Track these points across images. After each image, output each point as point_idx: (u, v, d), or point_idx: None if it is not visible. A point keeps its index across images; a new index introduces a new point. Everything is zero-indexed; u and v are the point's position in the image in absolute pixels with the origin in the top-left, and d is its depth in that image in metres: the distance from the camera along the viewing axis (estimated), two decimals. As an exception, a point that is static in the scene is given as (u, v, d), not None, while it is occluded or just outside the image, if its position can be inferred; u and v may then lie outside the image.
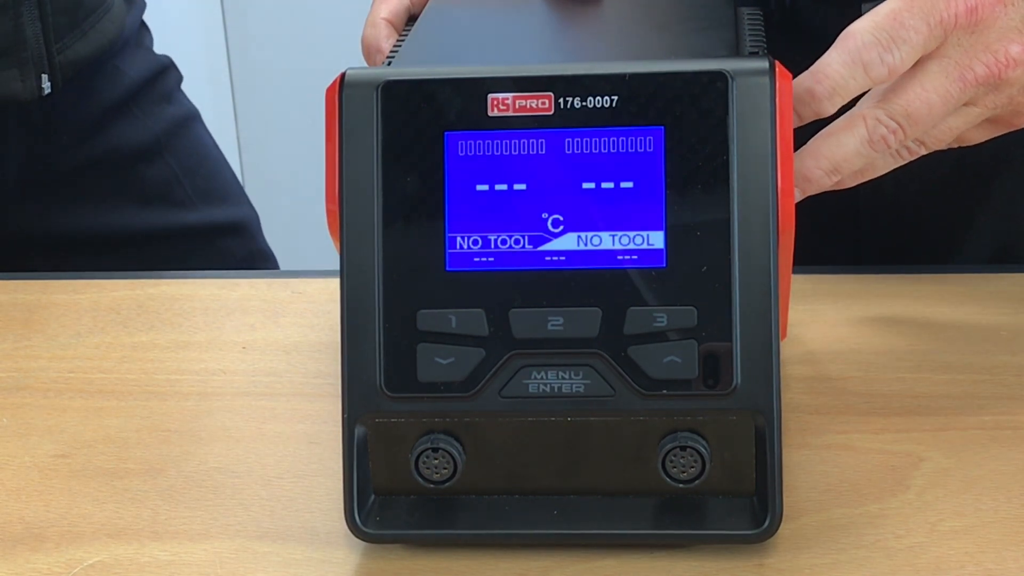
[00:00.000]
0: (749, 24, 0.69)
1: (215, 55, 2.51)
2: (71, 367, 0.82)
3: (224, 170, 1.27)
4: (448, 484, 0.62)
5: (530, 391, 0.60)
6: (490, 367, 0.60)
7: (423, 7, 0.79)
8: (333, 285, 0.71)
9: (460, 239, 0.61)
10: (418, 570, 0.62)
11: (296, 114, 2.41)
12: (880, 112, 0.66)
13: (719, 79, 0.60)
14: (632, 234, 0.60)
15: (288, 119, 2.50)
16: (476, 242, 0.61)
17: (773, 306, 0.59)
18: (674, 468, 0.61)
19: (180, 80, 1.25)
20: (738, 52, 0.66)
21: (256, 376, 0.80)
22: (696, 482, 0.61)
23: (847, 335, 0.80)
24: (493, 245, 0.61)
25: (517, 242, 0.61)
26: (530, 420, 0.61)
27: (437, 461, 0.62)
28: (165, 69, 1.22)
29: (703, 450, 0.61)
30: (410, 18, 0.81)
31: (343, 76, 0.62)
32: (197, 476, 0.70)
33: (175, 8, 2.24)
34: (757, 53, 0.65)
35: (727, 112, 0.60)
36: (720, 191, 0.60)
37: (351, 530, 0.62)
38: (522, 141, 0.61)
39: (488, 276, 0.61)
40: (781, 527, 0.61)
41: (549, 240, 0.61)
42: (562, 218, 0.61)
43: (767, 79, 0.60)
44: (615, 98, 0.60)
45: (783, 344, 0.66)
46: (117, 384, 0.79)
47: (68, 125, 1.15)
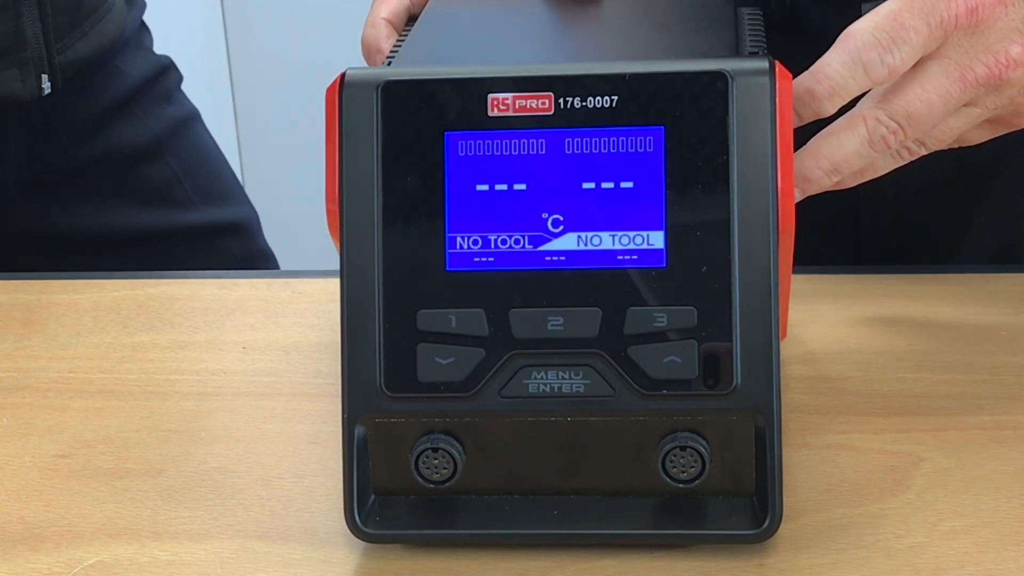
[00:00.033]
0: (749, 24, 0.69)
1: (215, 55, 2.51)
2: (71, 367, 0.82)
3: (224, 170, 1.27)
4: (448, 484, 0.62)
5: (530, 391, 0.60)
6: (490, 367, 0.60)
7: (423, 7, 0.79)
8: (333, 285, 0.70)
9: (460, 239, 0.61)
10: (418, 570, 0.62)
11: (296, 114, 2.41)
12: (880, 112, 0.66)
13: (719, 79, 0.60)
14: (632, 234, 0.60)
15: (288, 119, 2.50)
16: (476, 242, 0.61)
17: (773, 306, 0.59)
18: (674, 468, 0.61)
19: (180, 80, 1.25)
20: (738, 52, 0.66)
21: (256, 376, 0.80)
22: (696, 482, 0.61)
23: (847, 335, 0.80)
24: (493, 245, 0.61)
25: (517, 242, 0.61)
26: (530, 420, 0.61)
27: (437, 461, 0.62)
28: (165, 69, 1.22)
29: (703, 450, 0.60)
30: (410, 18, 0.81)
31: (343, 76, 0.62)
32: (197, 476, 0.70)
33: (175, 8, 2.24)
34: (757, 53, 0.65)
35: (727, 112, 0.60)
36: (720, 191, 0.60)
37: (351, 530, 0.62)
38: (522, 141, 0.61)
39: (488, 276, 0.61)
40: (781, 527, 0.61)
41: (549, 240, 0.61)
42: (562, 218, 0.61)
43: (767, 79, 0.60)
44: (615, 98, 0.60)
45: (783, 344, 0.66)
46: (117, 384, 0.79)
47: (68, 125, 1.15)
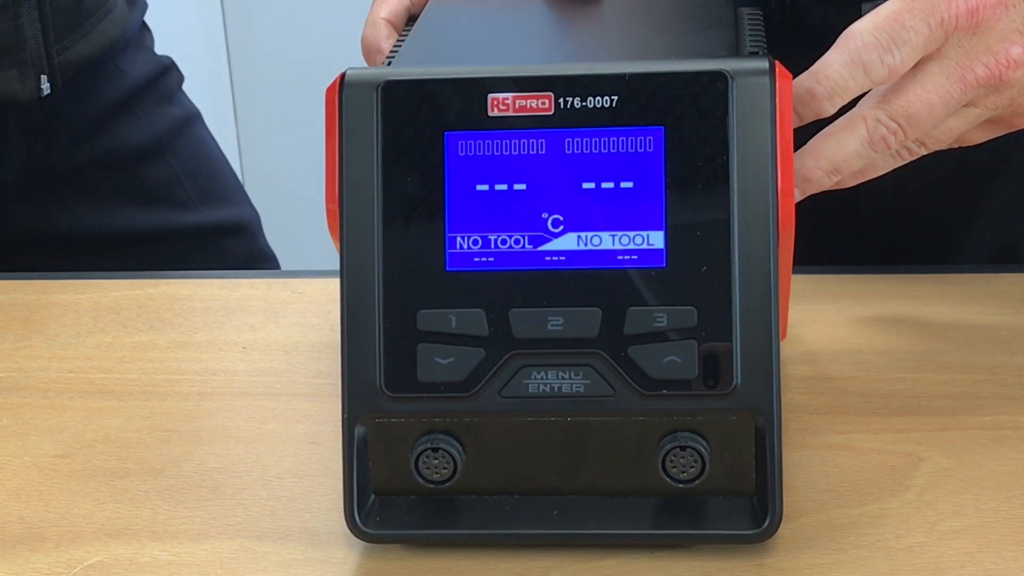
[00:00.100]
0: (749, 24, 0.69)
1: (215, 55, 2.51)
2: (71, 367, 0.82)
3: (225, 171, 1.27)
4: (448, 484, 0.62)
5: (530, 391, 0.60)
6: (490, 367, 0.60)
7: (423, 7, 0.79)
8: (333, 285, 0.70)
9: (460, 239, 0.61)
10: (418, 570, 0.62)
11: (296, 114, 2.40)
12: (880, 113, 0.66)
13: (719, 79, 0.60)
14: (632, 234, 0.60)
15: (288, 119, 2.50)
16: (476, 242, 0.61)
17: (773, 306, 0.59)
18: (674, 468, 0.61)
19: (181, 81, 1.25)
20: (738, 52, 0.66)
21: (256, 376, 0.80)
22: (696, 482, 0.61)
23: (847, 335, 0.80)
24: (493, 245, 0.61)
25: (517, 242, 0.61)
26: (530, 420, 0.61)
27: (437, 461, 0.62)
28: (166, 70, 1.22)
29: (703, 450, 0.60)
30: (410, 18, 0.81)
31: (343, 76, 0.62)
32: (197, 476, 0.70)
33: (175, 9, 2.24)
34: (757, 53, 0.65)
35: (727, 112, 0.60)
36: (720, 191, 0.60)
37: (351, 530, 0.62)
38: (522, 141, 0.61)
39: (488, 276, 0.61)
40: (781, 527, 0.61)
41: (549, 240, 0.61)
42: (562, 218, 0.61)
43: (767, 79, 0.60)
44: (615, 98, 0.60)
45: (783, 344, 0.66)
46: (117, 384, 0.79)
47: (68, 125, 1.15)
